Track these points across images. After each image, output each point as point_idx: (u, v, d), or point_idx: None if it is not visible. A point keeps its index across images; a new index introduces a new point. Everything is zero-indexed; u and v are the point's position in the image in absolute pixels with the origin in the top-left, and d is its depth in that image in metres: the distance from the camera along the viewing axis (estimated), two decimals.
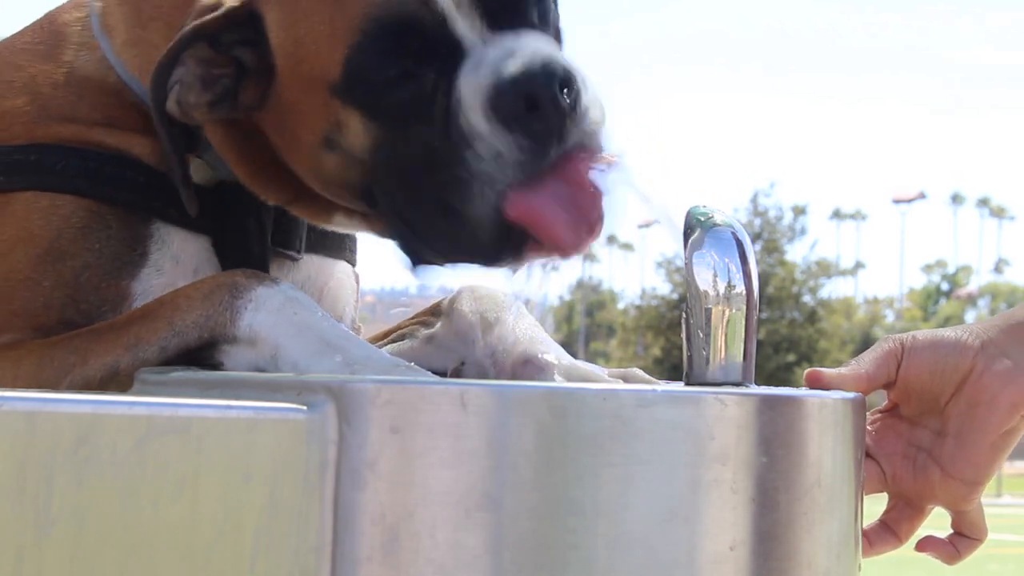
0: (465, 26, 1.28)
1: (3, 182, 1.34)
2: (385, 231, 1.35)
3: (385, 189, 1.30)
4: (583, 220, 1.25)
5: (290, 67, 1.31)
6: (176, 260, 1.36)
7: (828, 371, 1.25)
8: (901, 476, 1.30)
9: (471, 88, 1.25)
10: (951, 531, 1.34)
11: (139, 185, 1.35)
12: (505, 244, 1.26)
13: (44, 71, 1.39)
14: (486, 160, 1.24)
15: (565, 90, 1.24)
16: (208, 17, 1.31)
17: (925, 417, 1.29)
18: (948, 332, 1.27)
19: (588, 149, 1.26)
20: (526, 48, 1.26)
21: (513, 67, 1.24)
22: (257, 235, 1.39)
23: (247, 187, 1.37)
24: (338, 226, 1.40)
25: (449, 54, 1.27)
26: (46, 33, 1.43)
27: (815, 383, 1.24)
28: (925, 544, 1.33)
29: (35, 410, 0.94)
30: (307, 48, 1.30)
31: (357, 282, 1.55)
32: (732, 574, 1.05)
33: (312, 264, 1.46)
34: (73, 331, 1.28)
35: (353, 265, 1.54)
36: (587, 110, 1.26)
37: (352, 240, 1.53)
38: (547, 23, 1.33)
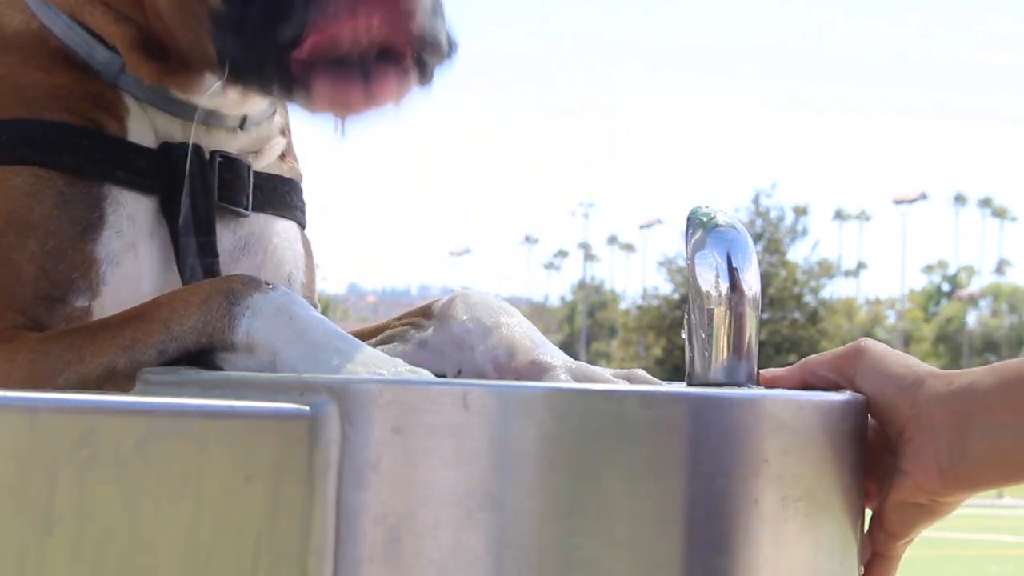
0: None
1: None
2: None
3: (234, 18, 1.29)
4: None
5: None
6: (132, 220, 1.36)
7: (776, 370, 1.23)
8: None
9: None
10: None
11: (82, 149, 1.35)
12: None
13: None
14: None
15: None
16: None
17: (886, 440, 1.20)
18: (902, 371, 1.17)
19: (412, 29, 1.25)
20: None
21: None
22: (202, 193, 1.38)
23: (128, 66, 1.37)
24: (212, 96, 1.38)
25: None
26: None
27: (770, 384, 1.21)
28: None
29: (37, 409, 0.95)
30: None
31: (307, 245, 1.53)
32: (749, 570, 1.05)
33: (258, 222, 1.45)
34: (68, 327, 1.28)
35: (302, 226, 1.53)
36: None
37: (300, 200, 1.52)
38: None
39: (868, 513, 1.21)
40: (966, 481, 1.15)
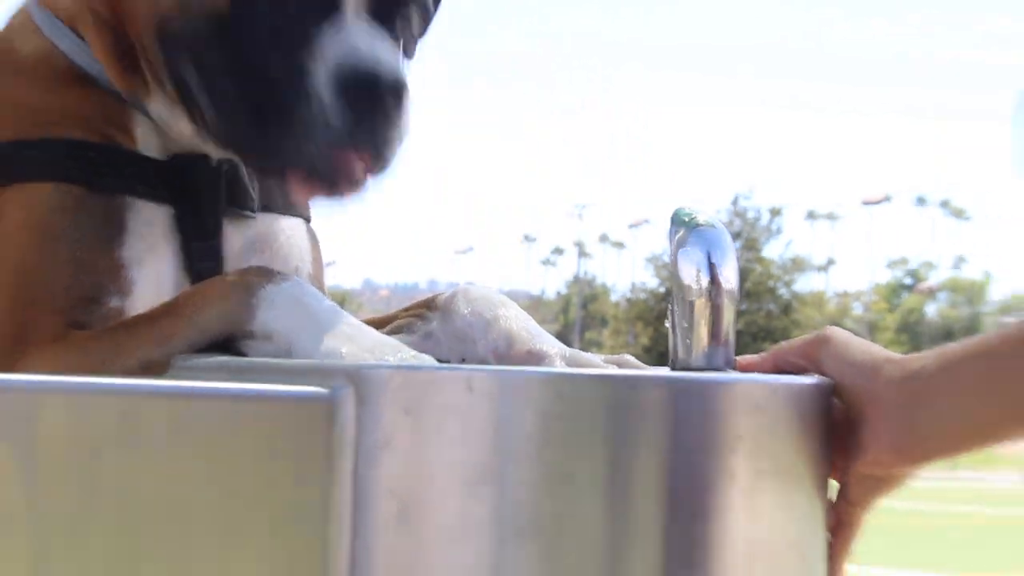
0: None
1: None
2: (192, 115, 1.35)
3: (206, 65, 1.31)
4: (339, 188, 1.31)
5: None
6: (150, 226, 1.35)
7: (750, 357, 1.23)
8: None
9: (334, 52, 1.27)
10: None
11: (99, 164, 1.35)
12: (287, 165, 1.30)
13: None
14: (312, 109, 1.26)
15: (392, 96, 1.27)
16: None
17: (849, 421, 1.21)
18: (863, 357, 1.18)
19: (374, 149, 1.29)
20: (383, 53, 1.28)
21: (367, 58, 1.27)
22: (210, 201, 1.39)
23: (113, 81, 1.37)
24: (169, 112, 1.39)
25: (328, 16, 1.29)
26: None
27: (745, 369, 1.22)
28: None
29: (84, 393, 0.96)
30: None
31: (314, 238, 1.53)
32: (712, 545, 1.05)
33: (265, 221, 1.45)
34: (108, 326, 1.28)
35: (307, 220, 1.53)
36: (396, 120, 1.29)
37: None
38: (408, 30, 1.36)
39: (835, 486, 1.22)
40: (917, 456, 1.16)
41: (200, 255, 1.38)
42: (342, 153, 1.27)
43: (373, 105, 1.26)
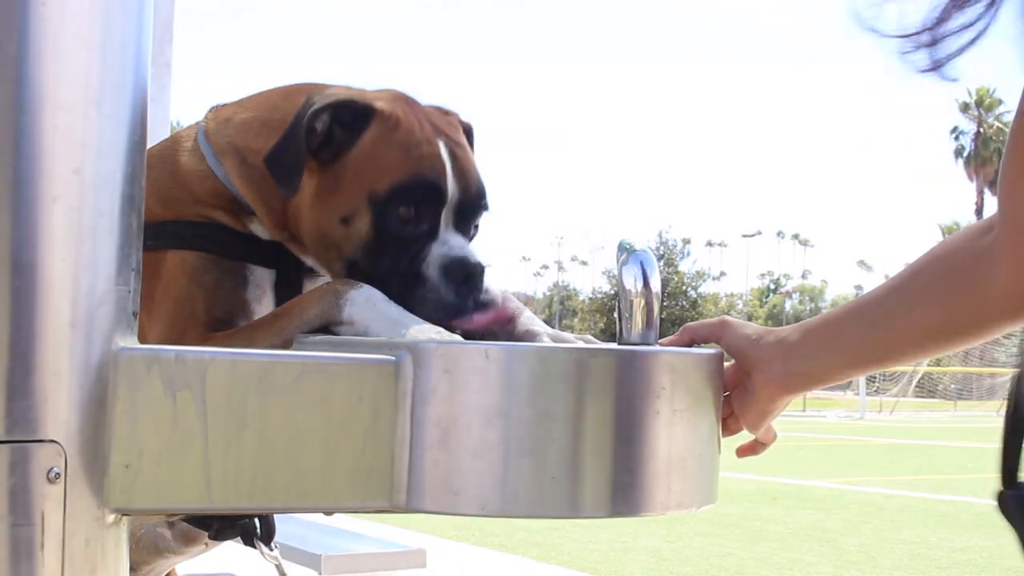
0: (447, 213, 1.32)
1: (159, 244, 1.35)
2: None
3: (363, 269, 1.31)
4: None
5: (358, 160, 1.30)
6: (262, 279, 1.36)
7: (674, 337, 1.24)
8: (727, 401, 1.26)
9: (438, 252, 1.30)
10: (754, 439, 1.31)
11: (231, 243, 1.36)
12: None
13: (178, 178, 1.41)
14: (431, 293, 1.27)
15: (478, 272, 1.30)
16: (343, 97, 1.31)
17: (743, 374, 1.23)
18: (750, 332, 1.20)
19: (488, 306, 1.31)
20: (469, 250, 1.32)
21: (461, 255, 1.30)
22: (296, 268, 1.39)
23: (268, 229, 1.37)
24: (308, 259, 1.40)
25: (435, 221, 1.31)
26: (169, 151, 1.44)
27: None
28: (741, 449, 1.31)
29: (236, 359, 0.96)
30: (378, 160, 1.29)
31: None
32: (644, 458, 1.05)
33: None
34: (242, 325, 1.29)
35: None
36: (486, 287, 1.32)
37: None
38: (476, 230, 1.38)
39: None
40: (792, 388, 1.19)
41: (288, 298, 1.37)
42: (448, 315, 1.28)
43: (467, 281, 1.29)
